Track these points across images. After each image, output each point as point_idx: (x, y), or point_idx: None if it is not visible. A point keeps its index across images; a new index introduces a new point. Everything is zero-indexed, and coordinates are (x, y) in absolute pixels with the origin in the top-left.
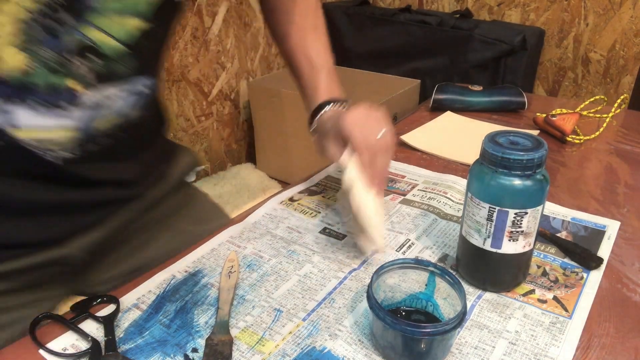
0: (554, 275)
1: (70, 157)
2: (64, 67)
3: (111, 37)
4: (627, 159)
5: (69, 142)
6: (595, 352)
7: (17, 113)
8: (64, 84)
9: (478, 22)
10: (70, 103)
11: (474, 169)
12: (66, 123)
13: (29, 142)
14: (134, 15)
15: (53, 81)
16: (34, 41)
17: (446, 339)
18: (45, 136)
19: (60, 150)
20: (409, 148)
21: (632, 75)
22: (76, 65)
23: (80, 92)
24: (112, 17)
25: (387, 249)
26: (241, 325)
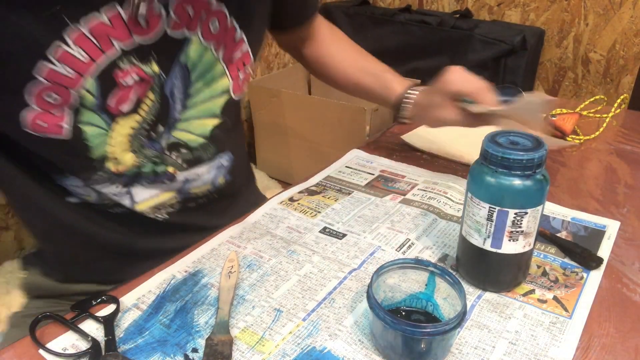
0: (554, 275)
1: (173, 211)
2: (162, 159)
3: (193, 134)
4: (627, 159)
5: (171, 202)
6: (595, 352)
7: (134, 193)
8: (164, 169)
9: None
10: (170, 180)
11: (474, 169)
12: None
13: (146, 210)
14: (208, 116)
15: (156, 169)
16: (139, 146)
17: (446, 339)
18: (155, 203)
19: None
20: (409, 148)
21: (632, 75)
22: (170, 157)
23: (176, 173)
24: (192, 121)
25: (387, 248)
26: (241, 325)
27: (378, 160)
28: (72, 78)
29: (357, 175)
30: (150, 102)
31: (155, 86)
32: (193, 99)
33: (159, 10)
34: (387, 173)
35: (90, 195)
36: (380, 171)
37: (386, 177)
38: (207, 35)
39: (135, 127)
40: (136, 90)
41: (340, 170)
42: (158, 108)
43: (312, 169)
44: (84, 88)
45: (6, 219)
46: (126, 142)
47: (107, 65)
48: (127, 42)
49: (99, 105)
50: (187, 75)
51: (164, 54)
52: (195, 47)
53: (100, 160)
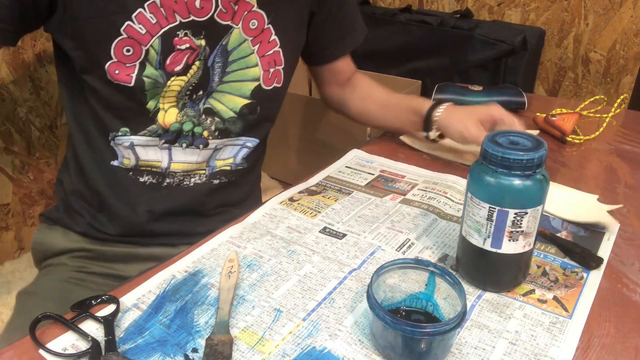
0: (554, 275)
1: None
2: (199, 121)
3: (225, 106)
4: (627, 159)
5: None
6: (595, 352)
7: (174, 152)
8: (200, 132)
9: (478, 22)
10: (204, 145)
11: (474, 169)
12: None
13: (178, 171)
14: (239, 95)
15: (195, 130)
16: (183, 104)
17: (446, 339)
18: (188, 167)
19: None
20: (409, 148)
21: (632, 75)
22: (207, 121)
23: (209, 139)
24: (225, 95)
25: (387, 248)
26: (241, 325)
27: (378, 160)
28: (144, 36)
29: (357, 175)
30: (196, 68)
31: (201, 56)
32: (229, 76)
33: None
34: (387, 173)
35: (130, 158)
36: (380, 171)
37: (386, 177)
38: (246, 30)
39: (183, 86)
40: (187, 56)
41: (341, 170)
42: (201, 75)
43: (312, 169)
44: (151, 46)
45: (6, 219)
46: (174, 98)
47: (169, 31)
48: (185, 16)
49: (159, 62)
50: (226, 55)
51: (212, 34)
52: (236, 36)
53: (154, 111)
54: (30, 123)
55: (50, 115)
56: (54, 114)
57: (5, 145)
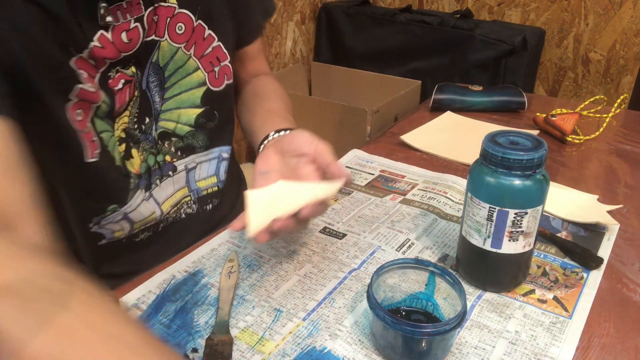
0: (554, 275)
1: (192, 213)
2: (158, 149)
3: (179, 123)
4: (627, 159)
5: (187, 199)
6: (595, 352)
7: (156, 196)
8: (162, 159)
9: (478, 22)
10: (173, 171)
11: (474, 169)
12: (177, 186)
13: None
14: (189, 106)
15: (157, 160)
16: (137, 140)
17: (446, 339)
18: (173, 201)
19: (184, 208)
20: (409, 148)
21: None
22: (164, 146)
23: (174, 162)
24: (174, 111)
25: (387, 248)
26: (241, 325)
27: (378, 160)
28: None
29: (357, 175)
30: (134, 98)
31: (135, 85)
32: (170, 92)
33: (135, 25)
34: (387, 173)
35: (124, 228)
36: (380, 171)
37: (386, 177)
38: (174, 37)
39: (127, 122)
40: (126, 92)
41: None
42: (140, 102)
43: None
44: (103, 101)
45: None
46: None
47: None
48: (116, 56)
49: (107, 113)
50: (160, 71)
51: (140, 57)
52: (166, 49)
53: (123, 166)
54: None
55: None
56: None
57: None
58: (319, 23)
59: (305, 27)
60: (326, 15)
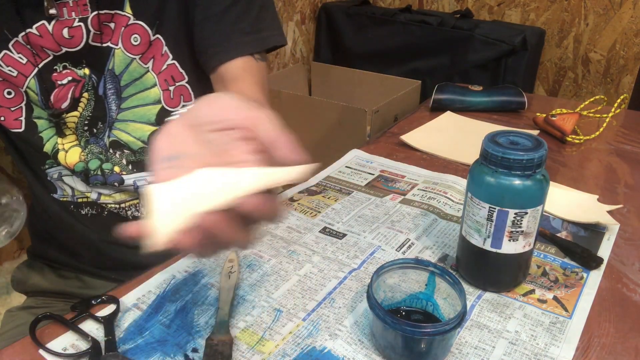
0: (554, 275)
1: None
2: (107, 157)
3: (132, 136)
4: (627, 159)
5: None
6: (595, 352)
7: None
8: (110, 168)
9: (478, 22)
10: (119, 183)
11: (474, 169)
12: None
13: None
14: (144, 122)
15: (104, 167)
16: (85, 141)
17: (446, 339)
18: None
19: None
20: (409, 148)
21: (632, 75)
22: (115, 155)
23: (123, 174)
24: (129, 123)
25: (387, 248)
26: (241, 325)
27: (378, 160)
28: (17, 78)
29: (357, 175)
30: (86, 100)
31: (88, 86)
32: (126, 103)
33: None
34: (387, 173)
35: (66, 190)
36: (380, 171)
37: (386, 177)
38: (129, 47)
39: (76, 122)
40: (72, 89)
41: (341, 170)
42: (94, 106)
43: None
44: (28, 87)
45: None
46: (73, 136)
47: (45, 68)
48: (57, 49)
49: (42, 102)
50: (117, 80)
51: (94, 60)
52: (120, 58)
53: (53, 153)
54: None
55: None
56: None
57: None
58: (319, 23)
59: (305, 27)
60: (326, 15)
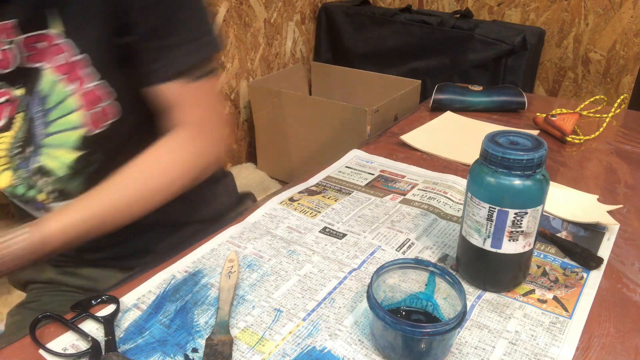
0: (554, 275)
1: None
2: (32, 183)
3: (58, 161)
4: (627, 159)
5: None
6: (595, 352)
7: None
8: (34, 195)
9: (478, 22)
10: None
11: (474, 169)
12: None
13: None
14: (67, 147)
15: (28, 194)
16: (16, 165)
17: (446, 339)
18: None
19: None
20: (409, 148)
21: (632, 75)
22: (39, 182)
23: (46, 203)
24: (54, 148)
25: (387, 248)
26: (241, 325)
27: (378, 160)
28: None
29: (357, 175)
30: (20, 121)
31: (22, 107)
32: (51, 127)
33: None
34: (387, 173)
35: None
36: (380, 171)
37: (386, 177)
38: (57, 68)
39: (10, 142)
40: (7, 109)
41: (340, 171)
42: (26, 129)
43: (312, 169)
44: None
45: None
46: (6, 158)
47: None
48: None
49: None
50: (43, 103)
51: (26, 82)
52: (48, 78)
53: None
54: None
55: None
56: None
57: None
58: (319, 23)
59: (305, 27)
60: (326, 15)
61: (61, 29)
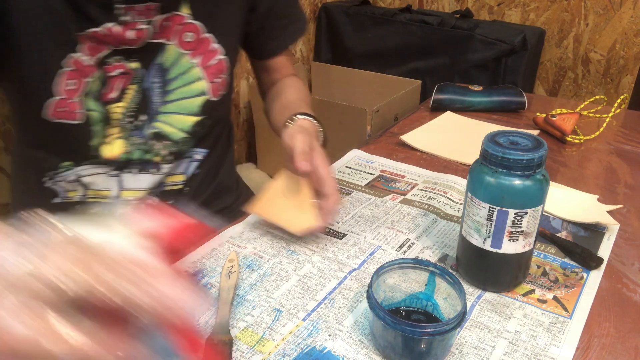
0: (554, 275)
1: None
2: (148, 147)
3: (174, 127)
4: (627, 159)
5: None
6: (595, 352)
7: (124, 179)
8: (150, 157)
9: (478, 22)
10: (157, 170)
11: (474, 169)
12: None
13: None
14: (188, 113)
15: (144, 157)
16: (128, 133)
17: (446, 339)
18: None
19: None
20: (409, 148)
21: (632, 75)
22: (156, 146)
23: (161, 164)
24: (172, 115)
25: (387, 248)
26: (241, 325)
27: (378, 160)
28: (87, 67)
29: (357, 175)
30: (132, 92)
31: (135, 79)
32: (171, 96)
33: (146, 27)
34: (387, 173)
35: (77, 190)
36: (380, 171)
37: (386, 177)
38: (182, 44)
39: (122, 113)
40: (120, 81)
41: (340, 171)
42: (139, 99)
43: None
44: (94, 77)
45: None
46: (117, 128)
47: (101, 60)
48: (116, 45)
49: (97, 93)
50: (163, 74)
51: (145, 55)
52: (171, 53)
53: (97, 146)
54: None
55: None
56: None
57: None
58: (319, 23)
59: None
60: (326, 15)
61: (188, 11)
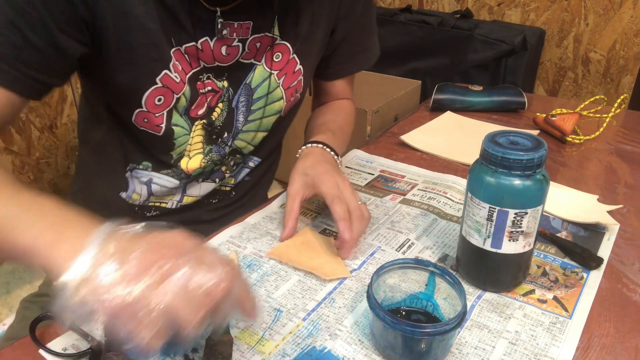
0: (554, 275)
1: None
2: (222, 161)
3: (248, 143)
4: (627, 159)
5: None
6: (595, 352)
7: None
8: (220, 169)
9: (478, 22)
10: (221, 179)
11: (474, 169)
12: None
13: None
14: (262, 130)
15: (215, 168)
16: (209, 150)
17: (446, 339)
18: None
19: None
20: (409, 148)
21: (632, 75)
22: (227, 160)
23: (226, 173)
24: (250, 132)
25: (387, 248)
26: (241, 325)
27: (378, 160)
28: (179, 84)
29: (357, 175)
30: (219, 110)
31: (224, 98)
32: (253, 115)
33: (238, 44)
34: (387, 173)
35: (142, 193)
36: (380, 171)
37: (386, 177)
38: (270, 63)
39: (207, 130)
40: (210, 99)
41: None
42: (225, 117)
43: None
44: (183, 94)
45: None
46: (200, 144)
47: (193, 77)
48: (210, 62)
49: (185, 109)
50: (250, 93)
51: (235, 74)
52: (260, 73)
53: (177, 158)
54: (30, 123)
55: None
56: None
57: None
58: None
59: None
60: None
61: (278, 32)
